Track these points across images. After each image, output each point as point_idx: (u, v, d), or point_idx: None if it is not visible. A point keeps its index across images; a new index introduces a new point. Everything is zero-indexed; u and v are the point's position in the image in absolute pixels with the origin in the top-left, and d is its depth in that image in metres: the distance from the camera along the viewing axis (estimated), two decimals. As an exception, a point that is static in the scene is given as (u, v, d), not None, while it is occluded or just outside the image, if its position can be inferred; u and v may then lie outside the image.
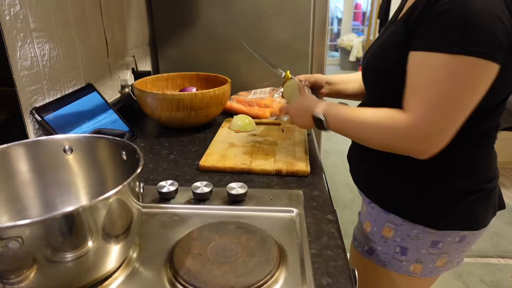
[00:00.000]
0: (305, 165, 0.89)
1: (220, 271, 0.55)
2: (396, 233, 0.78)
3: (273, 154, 0.96)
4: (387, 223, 0.79)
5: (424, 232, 0.75)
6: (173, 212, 0.73)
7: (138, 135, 1.13)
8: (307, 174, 0.87)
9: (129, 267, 0.58)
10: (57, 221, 0.44)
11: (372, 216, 0.82)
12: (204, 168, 0.90)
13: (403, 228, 0.77)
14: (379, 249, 0.82)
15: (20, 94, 0.82)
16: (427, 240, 0.76)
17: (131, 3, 1.38)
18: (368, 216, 0.84)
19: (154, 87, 1.29)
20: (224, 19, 1.47)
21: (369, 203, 0.83)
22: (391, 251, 0.80)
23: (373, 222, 0.82)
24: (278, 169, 0.88)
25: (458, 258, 0.80)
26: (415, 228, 0.75)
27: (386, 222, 0.79)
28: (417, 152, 0.66)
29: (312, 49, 1.50)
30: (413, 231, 0.76)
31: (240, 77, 1.52)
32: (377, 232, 0.81)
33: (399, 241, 0.78)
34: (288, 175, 0.87)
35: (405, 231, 0.77)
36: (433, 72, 0.60)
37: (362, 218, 0.88)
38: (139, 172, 0.54)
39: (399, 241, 0.78)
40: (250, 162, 0.91)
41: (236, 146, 1.02)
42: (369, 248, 0.84)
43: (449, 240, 0.75)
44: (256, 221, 0.69)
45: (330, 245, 0.63)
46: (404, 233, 0.77)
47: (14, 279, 0.45)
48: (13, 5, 0.78)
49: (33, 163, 0.64)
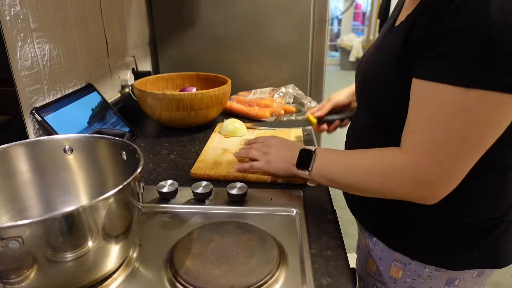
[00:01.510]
0: None
1: (220, 271, 0.55)
2: (405, 273, 0.69)
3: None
4: (394, 262, 0.70)
5: (437, 271, 0.67)
6: (173, 212, 0.73)
7: (138, 135, 1.13)
8: (305, 182, 0.82)
9: (129, 267, 0.58)
10: (57, 221, 0.44)
11: (376, 254, 0.74)
12: (196, 176, 0.85)
13: (412, 267, 0.68)
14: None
15: (20, 94, 0.82)
16: (442, 278, 0.67)
17: (131, 3, 1.38)
18: (371, 252, 0.75)
19: (154, 87, 1.29)
20: (224, 19, 1.47)
21: (370, 236, 0.75)
22: None
23: (377, 260, 0.74)
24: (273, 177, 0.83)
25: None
26: (426, 267, 0.67)
27: (393, 261, 0.70)
28: (421, 198, 0.56)
29: (312, 49, 1.50)
30: (425, 270, 0.67)
31: (240, 77, 1.52)
32: (384, 272, 0.73)
33: (410, 282, 0.69)
34: (285, 183, 0.82)
35: (415, 271, 0.68)
36: (441, 106, 0.50)
37: (363, 253, 0.79)
38: (139, 172, 0.54)
39: (410, 282, 0.70)
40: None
41: (230, 152, 0.97)
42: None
43: (466, 276, 0.67)
44: (256, 221, 0.69)
45: (330, 245, 0.63)
46: (415, 273, 0.68)
47: (14, 279, 0.45)
48: (14, 5, 0.78)
49: (33, 163, 0.64)
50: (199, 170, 0.87)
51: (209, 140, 1.06)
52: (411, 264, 0.68)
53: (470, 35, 0.47)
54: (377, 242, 0.73)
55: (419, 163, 0.53)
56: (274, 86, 1.49)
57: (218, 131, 1.13)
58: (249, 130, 1.13)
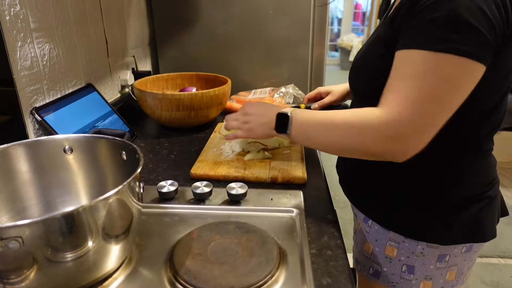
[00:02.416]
0: (302, 172, 0.85)
1: (220, 271, 0.55)
2: (399, 252, 0.73)
3: (268, 160, 0.92)
4: (389, 241, 0.74)
5: (428, 247, 0.71)
6: (173, 212, 0.72)
7: (138, 135, 1.13)
8: (304, 182, 0.83)
9: (129, 267, 0.58)
10: (57, 221, 0.44)
11: (371, 236, 0.77)
12: (196, 176, 0.86)
13: (406, 246, 0.72)
14: (385, 270, 0.77)
15: (20, 94, 0.82)
16: (433, 255, 0.72)
17: (131, 3, 1.38)
18: (366, 235, 0.79)
19: (154, 87, 1.29)
20: (224, 19, 1.47)
21: (365, 220, 0.79)
22: (398, 271, 0.75)
23: (373, 242, 0.77)
24: (273, 177, 0.84)
25: (468, 268, 0.76)
26: (419, 244, 0.71)
27: (387, 241, 0.74)
28: (392, 153, 0.59)
29: (312, 49, 1.50)
30: (417, 247, 0.71)
31: (240, 77, 1.51)
32: (380, 253, 0.76)
33: (404, 260, 0.73)
34: (284, 183, 0.83)
35: (408, 249, 0.72)
36: (414, 66, 0.56)
37: (359, 238, 0.83)
38: (139, 172, 0.54)
39: (404, 260, 0.74)
40: (244, 170, 0.87)
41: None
42: (375, 271, 0.79)
43: (456, 252, 0.72)
44: (256, 221, 0.69)
45: (330, 245, 0.63)
46: (408, 250, 0.72)
47: (14, 279, 0.45)
48: (13, 5, 0.78)
49: (33, 163, 0.64)
50: (199, 170, 0.87)
51: (209, 140, 1.06)
52: (404, 242, 0.72)
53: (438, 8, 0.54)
54: (372, 224, 0.76)
55: (393, 118, 0.57)
56: (274, 86, 1.49)
57: (218, 131, 1.13)
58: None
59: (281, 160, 0.92)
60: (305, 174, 0.85)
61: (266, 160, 0.92)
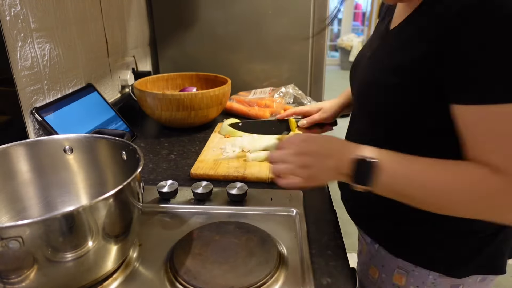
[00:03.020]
0: None
1: (220, 271, 0.55)
2: (408, 280, 0.68)
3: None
4: (397, 269, 0.69)
5: (440, 277, 0.65)
6: (173, 212, 0.73)
7: (138, 135, 1.13)
8: None
9: (129, 267, 0.58)
10: (57, 221, 0.44)
11: (377, 261, 0.72)
12: (196, 176, 0.86)
13: (416, 274, 0.67)
14: None
15: (21, 94, 0.82)
16: (446, 285, 0.66)
17: (131, 3, 1.38)
18: (372, 260, 0.74)
19: (154, 87, 1.29)
20: (224, 19, 1.47)
21: (372, 243, 0.73)
22: None
23: (379, 267, 0.72)
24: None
25: None
26: (430, 274, 0.65)
27: (396, 268, 0.69)
28: None
29: (312, 49, 1.50)
30: (429, 277, 0.66)
31: (240, 77, 1.52)
32: (387, 280, 0.71)
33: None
34: None
35: (419, 278, 0.67)
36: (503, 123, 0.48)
37: (364, 260, 0.78)
38: (139, 172, 0.54)
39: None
40: (244, 170, 0.87)
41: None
42: None
43: (470, 282, 0.66)
44: (256, 221, 0.69)
45: (330, 245, 0.63)
46: (419, 279, 0.67)
47: (14, 279, 0.45)
48: (14, 5, 0.78)
49: (33, 163, 0.64)
50: (199, 170, 0.87)
51: (209, 140, 1.06)
52: (414, 271, 0.67)
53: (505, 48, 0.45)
54: (379, 249, 0.71)
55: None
56: (274, 86, 1.49)
57: (218, 131, 1.13)
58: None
59: None
60: None
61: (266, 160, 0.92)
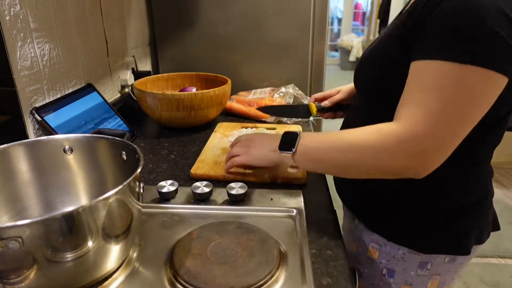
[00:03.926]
0: (302, 173, 0.84)
1: (220, 271, 0.55)
2: (381, 254, 0.72)
3: None
4: (371, 243, 0.73)
5: (409, 252, 0.69)
6: (173, 212, 0.72)
7: (138, 135, 1.13)
8: (304, 182, 0.83)
9: (129, 267, 0.58)
10: (57, 221, 0.44)
11: (355, 235, 0.77)
12: (196, 176, 0.86)
13: (387, 249, 0.71)
14: (366, 271, 0.76)
15: (20, 94, 0.82)
16: (414, 261, 0.70)
17: (131, 3, 1.38)
18: (351, 234, 0.79)
19: (154, 87, 1.29)
20: (224, 19, 1.47)
21: (353, 219, 0.78)
22: (378, 273, 0.74)
23: (356, 241, 0.77)
24: (273, 177, 0.83)
25: (452, 279, 0.74)
26: (400, 249, 0.70)
27: (370, 242, 0.74)
28: (414, 170, 0.56)
29: (312, 49, 1.50)
30: (398, 252, 0.70)
31: (240, 77, 1.51)
32: (363, 253, 0.76)
33: (385, 263, 0.72)
34: (284, 183, 0.83)
35: (389, 252, 0.71)
36: (434, 78, 0.52)
37: (346, 235, 0.81)
38: (139, 172, 0.54)
39: (385, 263, 0.72)
40: (244, 170, 0.86)
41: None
42: (357, 270, 0.78)
43: (438, 261, 0.69)
44: (256, 221, 0.69)
45: (330, 245, 0.63)
46: (389, 254, 0.71)
47: (14, 279, 0.45)
48: (13, 5, 0.78)
49: (33, 163, 0.64)
50: (199, 170, 0.87)
51: (209, 140, 1.06)
52: (386, 246, 0.71)
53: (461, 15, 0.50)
54: (358, 224, 0.76)
55: (413, 133, 0.53)
56: (274, 86, 1.49)
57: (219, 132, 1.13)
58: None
59: None
60: (305, 174, 0.85)
61: None
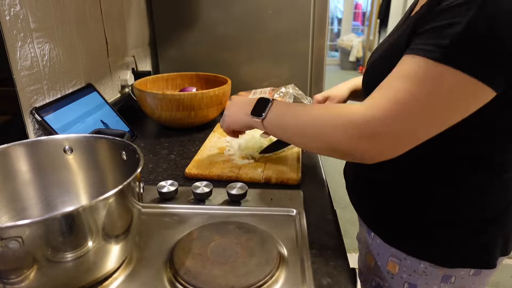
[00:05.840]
0: (296, 174, 0.84)
1: (220, 271, 0.55)
2: (401, 268, 0.69)
3: (264, 160, 0.92)
4: (390, 257, 0.70)
5: (431, 266, 0.66)
6: (173, 212, 0.72)
7: (138, 135, 1.13)
8: (298, 183, 0.82)
9: (129, 267, 0.58)
10: (57, 221, 0.44)
11: (374, 249, 0.74)
12: (190, 175, 0.85)
13: (408, 263, 0.68)
14: (387, 285, 0.73)
15: (20, 94, 0.82)
16: (437, 275, 0.66)
17: (131, 3, 1.38)
18: (369, 248, 0.76)
19: (154, 87, 1.29)
20: (224, 19, 1.47)
21: (368, 231, 0.76)
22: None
23: (375, 255, 0.74)
24: (267, 177, 0.83)
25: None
26: (422, 263, 0.66)
27: (389, 256, 0.70)
28: (360, 153, 0.54)
29: (312, 49, 1.50)
30: (420, 266, 0.67)
31: (240, 77, 1.52)
32: (382, 267, 0.73)
33: (406, 277, 0.69)
34: (278, 183, 0.83)
35: (410, 266, 0.68)
36: (415, 71, 0.50)
37: (363, 248, 0.80)
38: (139, 172, 0.54)
39: (406, 277, 0.69)
40: (238, 170, 0.86)
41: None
42: (377, 284, 0.76)
43: (463, 274, 0.66)
44: (256, 221, 0.69)
45: (330, 245, 0.63)
46: (410, 268, 0.68)
47: (14, 279, 0.45)
48: (13, 5, 0.78)
49: (33, 163, 0.64)
50: (194, 170, 0.87)
51: (207, 140, 1.06)
52: (406, 260, 0.68)
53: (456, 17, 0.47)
54: (375, 237, 0.73)
55: (373, 114, 0.51)
56: (274, 86, 1.49)
57: (217, 131, 1.13)
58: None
59: (277, 161, 0.92)
60: (299, 175, 0.84)
61: (262, 160, 0.92)
